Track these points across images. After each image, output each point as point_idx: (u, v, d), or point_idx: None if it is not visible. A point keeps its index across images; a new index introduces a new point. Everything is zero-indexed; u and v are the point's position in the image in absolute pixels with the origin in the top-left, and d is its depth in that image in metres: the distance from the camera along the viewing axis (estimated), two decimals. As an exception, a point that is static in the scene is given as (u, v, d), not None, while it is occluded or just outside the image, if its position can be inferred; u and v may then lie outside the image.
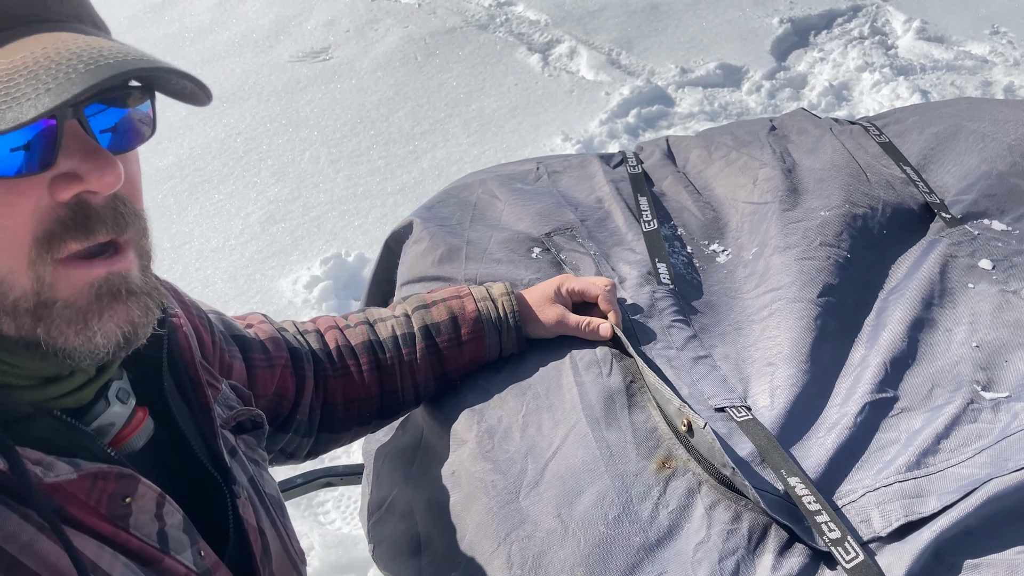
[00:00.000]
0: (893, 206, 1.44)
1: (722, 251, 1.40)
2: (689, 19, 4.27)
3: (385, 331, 1.19)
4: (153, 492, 0.71)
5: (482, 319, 1.19)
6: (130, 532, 0.69)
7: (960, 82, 3.72)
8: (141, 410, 0.76)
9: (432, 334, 1.18)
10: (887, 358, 1.17)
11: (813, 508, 0.97)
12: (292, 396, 1.11)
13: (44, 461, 0.63)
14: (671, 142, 1.67)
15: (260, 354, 1.08)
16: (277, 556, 0.89)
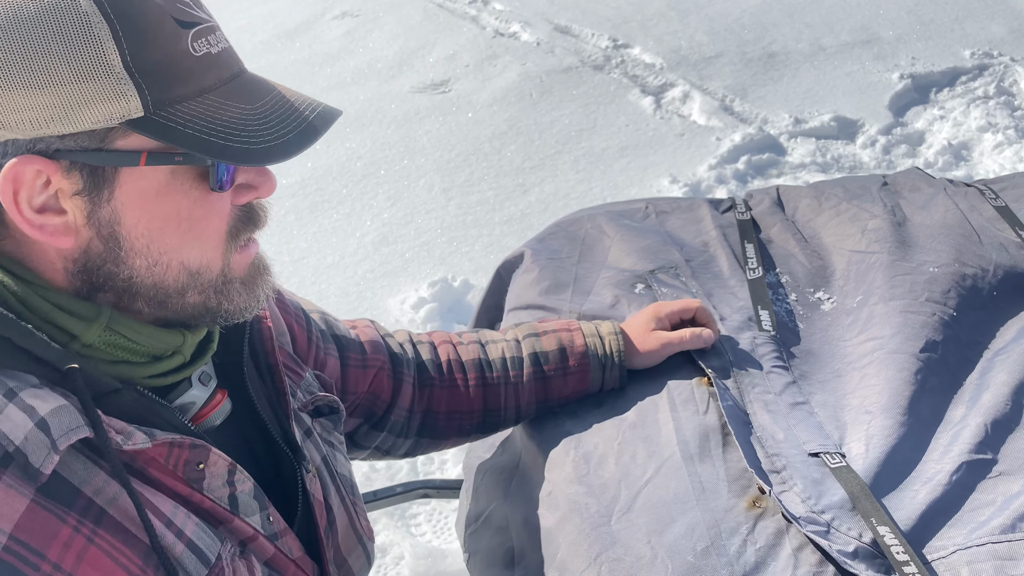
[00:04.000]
0: (1005, 269, 1.44)
1: (827, 299, 1.42)
2: (806, 70, 4.26)
3: (495, 352, 1.25)
4: (224, 461, 0.81)
5: (588, 354, 1.24)
6: (203, 494, 0.79)
7: (1090, 148, 3.60)
8: (221, 392, 0.87)
9: (540, 361, 1.24)
10: (988, 419, 1.17)
11: (901, 559, 0.99)
12: (387, 397, 1.20)
13: (125, 431, 0.73)
14: (781, 191, 1.70)
15: (356, 354, 1.17)
16: (343, 529, 0.98)
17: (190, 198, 0.73)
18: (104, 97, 0.66)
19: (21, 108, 0.65)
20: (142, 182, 0.71)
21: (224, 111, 0.71)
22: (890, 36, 4.54)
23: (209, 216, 0.75)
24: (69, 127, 0.66)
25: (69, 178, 0.69)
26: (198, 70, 0.70)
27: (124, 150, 0.69)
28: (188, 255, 0.75)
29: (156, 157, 0.70)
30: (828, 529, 1.02)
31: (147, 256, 0.73)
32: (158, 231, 0.73)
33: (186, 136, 0.68)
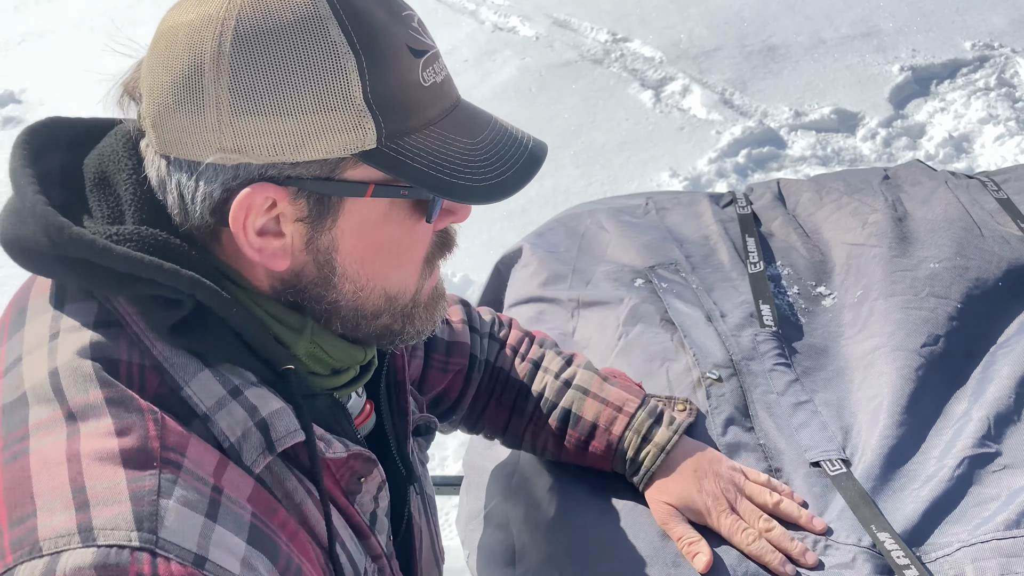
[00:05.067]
0: (1008, 262, 1.43)
1: (828, 294, 1.41)
2: (806, 63, 4.24)
3: (539, 384, 1.15)
4: (380, 477, 0.82)
5: (616, 449, 1.08)
6: (355, 507, 0.80)
7: (1091, 140, 3.59)
8: (369, 403, 0.89)
9: (568, 424, 1.11)
10: (991, 413, 1.17)
11: (901, 562, 0.98)
12: (455, 397, 1.17)
13: (325, 438, 0.75)
14: (782, 185, 1.69)
15: (440, 356, 1.14)
16: (426, 551, 0.98)
17: (403, 228, 0.74)
18: (343, 128, 0.66)
19: (262, 134, 0.65)
20: (364, 212, 0.71)
21: (448, 145, 0.71)
22: (890, 28, 4.52)
23: (416, 245, 0.77)
24: (304, 156, 0.67)
25: (295, 204, 0.69)
26: (425, 102, 0.70)
27: (352, 180, 0.69)
28: (390, 281, 0.76)
29: (382, 189, 0.70)
30: (827, 543, 1.01)
31: (355, 282, 0.74)
32: (370, 259, 0.74)
33: (414, 170, 0.69)
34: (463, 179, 0.70)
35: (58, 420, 0.64)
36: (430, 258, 0.79)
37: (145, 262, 0.66)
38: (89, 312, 0.69)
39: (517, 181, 0.73)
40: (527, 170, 0.74)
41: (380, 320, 0.78)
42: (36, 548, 0.58)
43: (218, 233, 0.71)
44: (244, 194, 0.67)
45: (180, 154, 0.68)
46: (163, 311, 0.68)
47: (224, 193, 0.68)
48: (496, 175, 0.72)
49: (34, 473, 0.61)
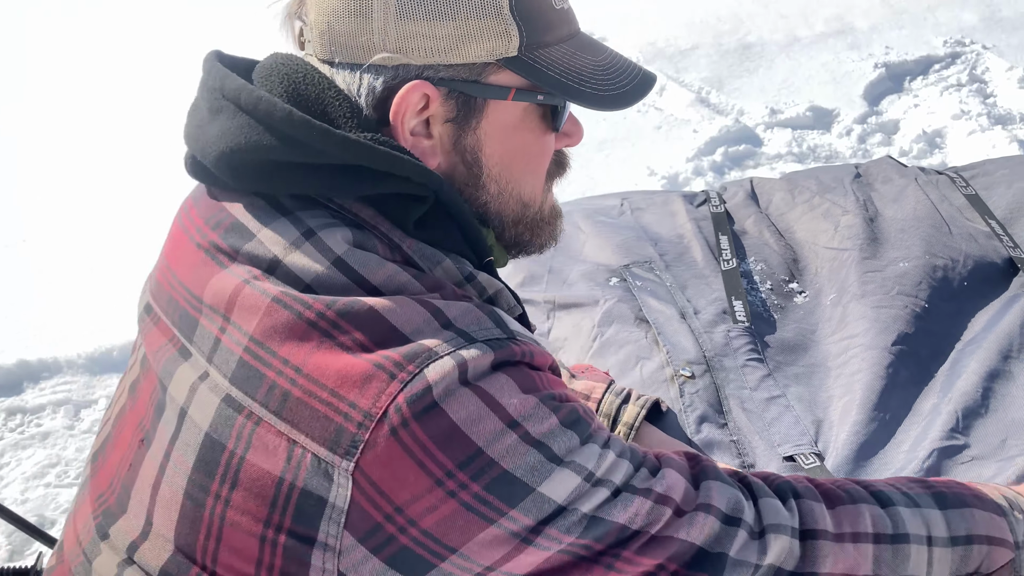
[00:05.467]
0: (975, 259, 1.45)
1: (800, 292, 1.43)
2: (781, 61, 4.27)
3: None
4: None
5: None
6: None
7: (1061, 134, 3.63)
8: None
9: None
10: (959, 407, 1.19)
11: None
12: None
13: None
14: (755, 184, 1.71)
15: None
16: None
17: (534, 135, 0.80)
18: (492, 35, 0.74)
19: (421, 36, 0.72)
20: (504, 115, 0.78)
21: (576, 60, 0.78)
22: (864, 26, 4.56)
23: (544, 154, 0.83)
24: (457, 58, 0.73)
25: (445, 105, 0.75)
26: (557, 22, 0.78)
27: (496, 84, 0.76)
28: (524, 187, 0.83)
29: (521, 94, 0.77)
30: None
31: (498, 182, 0.80)
32: (508, 161, 0.80)
33: (549, 78, 0.76)
34: (590, 88, 0.77)
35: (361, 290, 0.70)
36: (551, 173, 0.86)
37: (404, 160, 0.72)
38: (325, 216, 0.74)
39: (636, 94, 0.81)
40: (643, 86, 0.81)
41: (517, 228, 0.84)
42: (432, 353, 0.65)
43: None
44: (405, 89, 0.73)
45: (345, 58, 0.74)
46: (409, 208, 0.74)
47: (385, 91, 0.74)
48: (618, 87, 0.80)
49: (385, 313, 0.67)
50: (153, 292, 0.83)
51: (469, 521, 0.64)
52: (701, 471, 0.78)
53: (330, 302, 0.68)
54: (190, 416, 0.71)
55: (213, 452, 0.68)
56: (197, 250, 0.77)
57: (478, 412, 0.65)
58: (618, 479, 0.70)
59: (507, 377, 0.67)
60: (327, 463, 0.64)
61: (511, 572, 0.67)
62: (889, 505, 0.84)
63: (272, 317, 0.68)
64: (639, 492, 0.71)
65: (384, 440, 0.63)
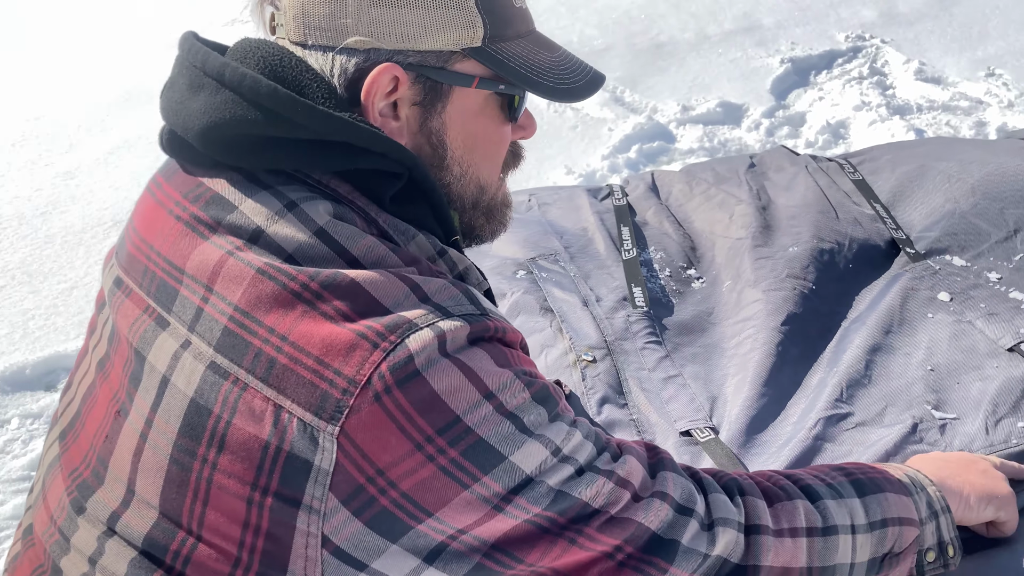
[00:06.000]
0: (860, 242, 1.54)
1: (698, 278, 1.49)
2: (692, 59, 4.38)
3: None
4: None
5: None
6: None
7: (955, 122, 3.81)
8: None
9: None
10: (844, 379, 1.26)
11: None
12: None
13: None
14: (656, 176, 1.77)
15: None
16: None
17: (494, 123, 0.86)
18: (458, 25, 0.79)
19: (393, 22, 0.77)
20: (467, 102, 0.83)
21: (535, 55, 0.84)
22: (771, 23, 4.71)
23: (502, 142, 0.88)
24: (426, 45, 0.78)
25: (413, 89, 0.80)
26: (517, 18, 0.84)
27: (461, 72, 0.81)
28: (483, 172, 0.88)
29: (484, 83, 0.82)
30: None
31: (460, 165, 0.85)
32: (470, 146, 0.85)
33: (510, 69, 0.82)
34: (548, 81, 0.84)
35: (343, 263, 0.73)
36: (507, 163, 0.92)
37: (382, 137, 0.76)
38: (304, 189, 0.77)
39: (589, 88, 0.86)
40: (595, 83, 0.87)
41: (474, 212, 0.89)
42: (412, 325, 0.69)
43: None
44: (376, 71, 0.77)
45: (319, 40, 0.78)
46: (385, 183, 0.78)
47: (356, 72, 0.78)
48: (572, 82, 0.85)
49: (367, 285, 0.71)
50: (124, 266, 0.84)
51: (445, 485, 0.68)
52: (658, 461, 0.83)
53: (313, 273, 0.71)
54: (173, 383, 0.73)
55: (199, 417, 0.70)
56: (176, 222, 0.79)
57: (457, 382, 0.68)
58: (582, 458, 0.75)
59: (483, 351, 0.71)
60: (313, 427, 0.67)
61: (481, 537, 0.71)
62: (818, 500, 0.90)
63: (257, 288, 0.71)
64: (602, 473, 0.76)
65: (368, 405, 0.66)
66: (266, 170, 0.77)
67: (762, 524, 0.84)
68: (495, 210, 0.91)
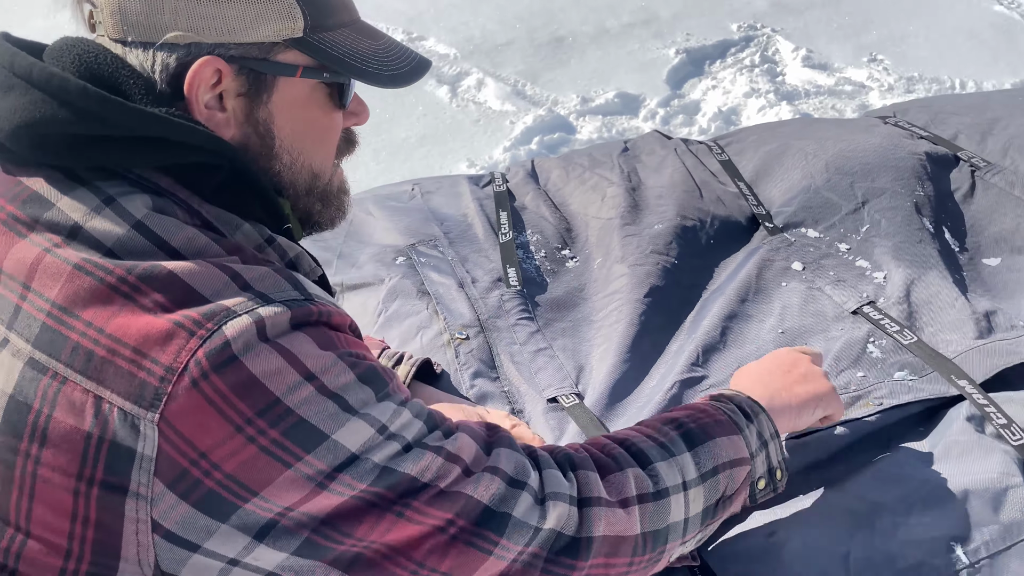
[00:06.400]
0: (722, 218, 1.64)
1: (572, 258, 1.57)
2: (591, 51, 4.49)
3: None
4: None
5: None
6: None
7: (840, 106, 4.00)
8: None
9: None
10: (700, 345, 1.35)
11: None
12: None
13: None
14: (535, 163, 1.85)
15: None
16: None
17: (322, 111, 0.88)
18: (278, 16, 0.80)
19: (212, 16, 0.78)
20: (292, 91, 0.84)
21: (358, 43, 0.86)
22: (667, 15, 4.84)
23: (332, 129, 0.91)
24: (246, 37, 0.80)
25: (237, 80, 0.81)
26: (338, 7, 0.86)
27: (284, 63, 0.83)
28: (314, 159, 0.89)
29: (308, 72, 0.84)
30: None
31: (290, 153, 0.87)
32: (300, 134, 0.87)
33: (333, 58, 0.84)
34: (371, 67, 0.86)
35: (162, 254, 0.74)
36: (340, 150, 0.94)
37: (197, 131, 0.77)
38: (123, 184, 0.78)
39: (413, 74, 0.90)
40: (419, 69, 0.91)
41: (309, 198, 0.91)
42: (230, 312, 0.71)
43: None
44: (197, 65, 0.78)
45: (138, 37, 0.79)
46: (205, 176, 0.80)
47: (179, 67, 0.79)
48: (396, 69, 0.88)
49: (185, 276, 0.72)
50: None
51: (268, 464, 0.70)
52: (496, 440, 0.86)
53: (131, 267, 0.72)
54: None
55: (19, 413, 0.71)
56: None
57: (277, 365, 0.70)
58: (410, 436, 0.77)
59: (305, 335, 0.73)
60: (133, 416, 0.68)
61: (309, 513, 0.72)
62: (648, 464, 0.92)
63: (74, 283, 0.72)
64: (430, 449, 0.77)
65: (185, 391, 0.68)
66: (87, 168, 0.78)
67: (594, 496, 0.87)
68: (331, 196, 0.94)
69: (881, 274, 1.48)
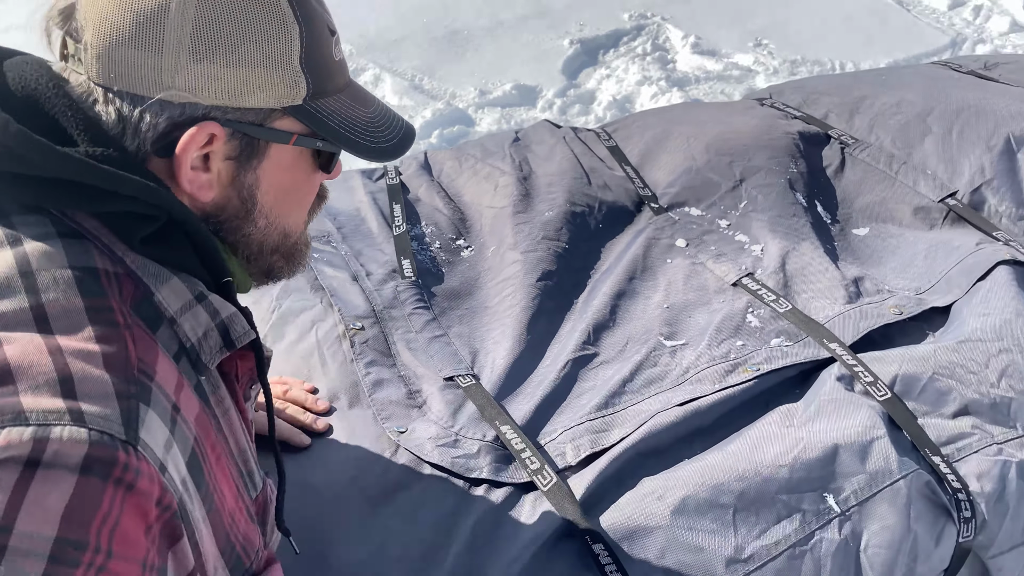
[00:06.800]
0: (609, 203, 1.69)
1: (467, 247, 1.61)
2: (487, 44, 4.53)
3: None
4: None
5: None
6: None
7: (729, 90, 4.13)
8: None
9: None
10: (591, 324, 1.41)
11: (519, 447, 1.18)
12: None
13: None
14: (428, 155, 1.87)
15: None
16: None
17: (306, 175, 0.86)
18: (281, 84, 0.78)
19: (213, 78, 0.75)
20: (282, 156, 0.82)
21: (352, 111, 0.85)
22: (560, 6, 4.92)
23: (312, 191, 0.90)
24: (246, 103, 0.77)
25: (229, 144, 0.79)
26: (336, 72, 0.84)
27: (280, 129, 0.81)
28: (290, 220, 0.88)
29: (302, 139, 0.82)
30: (456, 439, 1.19)
31: (268, 217, 0.85)
32: (281, 198, 0.85)
33: (329, 128, 0.82)
34: (363, 139, 0.85)
35: (28, 319, 0.67)
36: (313, 207, 0.93)
37: (130, 180, 0.72)
38: (44, 224, 0.73)
39: (399, 148, 0.89)
40: (406, 141, 0.90)
41: (273, 256, 0.89)
42: (21, 416, 0.61)
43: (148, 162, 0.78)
44: (195, 129, 0.76)
45: (126, 87, 0.75)
46: (136, 225, 0.74)
47: (169, 127, 0.76)
48: (386, 140, 0.87)
49: (11, 355, 0.64)
50: None
51: None
52: None
53: None
54: None
55: None
56: None
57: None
58: None
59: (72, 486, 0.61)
60: None
61: None
62: None
63: None
64: None
65: None
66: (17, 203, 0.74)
67: None
68: (296, 252, 0.92)
69: (758, 247, 1.56)
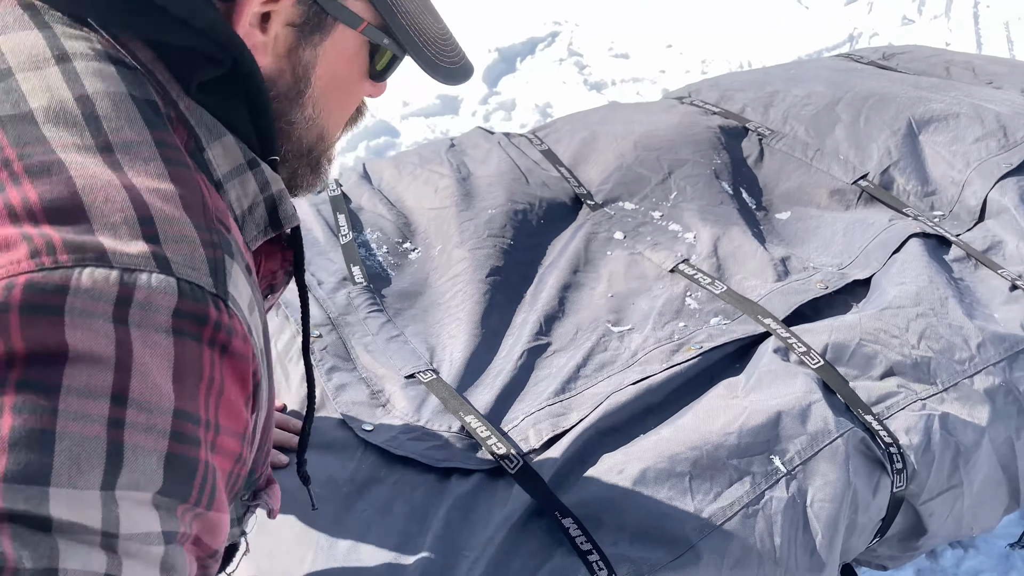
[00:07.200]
0: (548, 200, 1.76)
1: (413, 250, 1.66)
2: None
3: None
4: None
5: None
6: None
7: (643, 91, 4.27)
8: None
9: None
10: (542, 315, 1.47)
11: (484, 435, 1.24)
12: None
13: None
14: (367, 166, 1.91)
15: None
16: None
17: (359, 74, 0.79)
18: None
19: None
20: (345, 43, 0.75)
21: (424, 17, 0.78)
22: (476, 16, 5.00)
23: (358, 95, 0.82)
24: None
25: (295, 8, 0.71)
26: None
27: (352, 10, 0.73)
28: (331, 121, 0.80)
29: (370, 30, 0.75)
30: (423, 432, 1.24)
31: (315, 106, 0.77)
32: (332, 91, 0.77)
33: (400, 26, 0.75)
34: (431, 52, 0.79)
35: (91, 145, 0.58)
36: (352, 118, 0.86)
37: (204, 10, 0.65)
38: (95, 44, 0.63)
39: (462, 73, 0.83)
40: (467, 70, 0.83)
41: (302, 160, 0.81)
42: (103, 258, 0.53)
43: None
44: None
45: None
46: (199, 66, 0.66)
47: None
48: (450, 62, 0.81)
49: (81, 188, 0.56)
50: None
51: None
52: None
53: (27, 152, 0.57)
54: None
55: None
56: None
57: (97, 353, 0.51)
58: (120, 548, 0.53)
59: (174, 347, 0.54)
60: None
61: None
62: None
63: None
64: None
65: None
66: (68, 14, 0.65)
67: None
68: (322, 165, 0.84)
69: (691, 234, 1.65)
